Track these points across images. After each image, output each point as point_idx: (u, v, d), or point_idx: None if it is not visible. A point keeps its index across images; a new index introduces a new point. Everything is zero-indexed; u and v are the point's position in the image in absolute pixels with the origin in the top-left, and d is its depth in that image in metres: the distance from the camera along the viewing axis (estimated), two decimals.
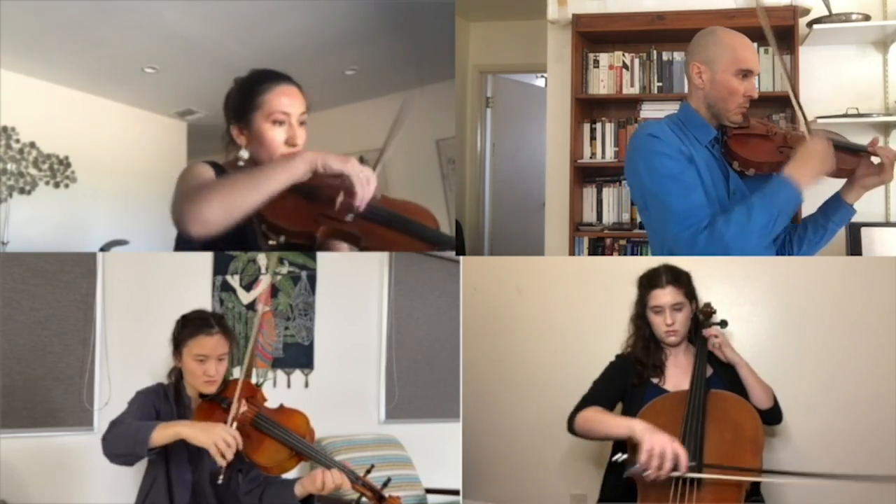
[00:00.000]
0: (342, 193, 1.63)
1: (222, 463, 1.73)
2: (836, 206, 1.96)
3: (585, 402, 1.92)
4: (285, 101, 1.68)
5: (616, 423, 1.77)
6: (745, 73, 1.89)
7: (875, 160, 1.87)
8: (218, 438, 1.72)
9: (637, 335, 2.02)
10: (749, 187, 1.93)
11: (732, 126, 1.94)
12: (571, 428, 1.89)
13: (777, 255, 2.04)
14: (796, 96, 1.98)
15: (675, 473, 1.63)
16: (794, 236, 2.03)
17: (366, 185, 1.59)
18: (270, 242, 1.62)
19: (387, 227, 1.68)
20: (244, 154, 1.69)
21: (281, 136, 1.67)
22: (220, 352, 1.91)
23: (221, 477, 1.75)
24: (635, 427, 1.69)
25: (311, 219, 1.61)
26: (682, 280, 1.98)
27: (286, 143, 1.67)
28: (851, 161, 1.90)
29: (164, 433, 1.74)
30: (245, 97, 1.69)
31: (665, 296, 1.96)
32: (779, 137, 1.93)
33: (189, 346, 1.89)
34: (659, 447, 1.62)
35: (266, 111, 1.66)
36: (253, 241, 1.65)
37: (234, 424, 1.80)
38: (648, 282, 1.99)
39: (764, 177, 1.94)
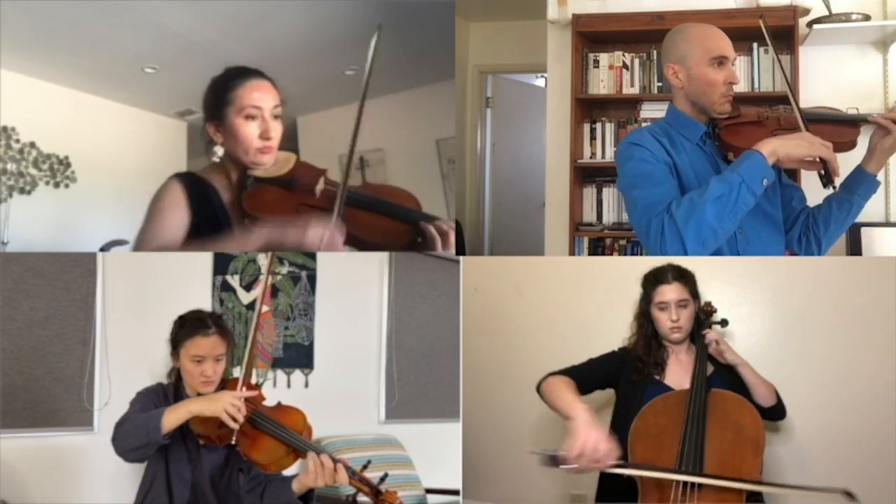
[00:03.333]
0: (321, 180, 1.66)
1: (234, 426, 1.77)
2: (859, 179, 1.91)
3: (565, 371, 1.94)
4: (256, 95, 1.69)
5: (566, 403, 1.76)
6: (720, 61, 1.86)
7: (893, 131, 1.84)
8: (227, 404, 1.77)
9: (640, 333, 2.02)
10: None
11: (723, 117, 1.91)
12: (539, 386, 1.92)
13: (801, 240, 2.01)
14: (794, 95, 1.94)
15: (604, 468, 1.63)
16: (819, 217, 1.98)
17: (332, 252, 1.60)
18: None
19: (369, 212, 1.70)
20: (219, 151, 1.73)
21: (254, 131, 1.69)
22: (218, 352, 1.91)
23: (234, 439, 1.79)
24: (576, 415, 1.67)
25: (291, 208, 1.65)
26: (687, 277, 1.98)
27: (260, 137, 1.69)
28: (850, 132, 1.88)
29: (174, 415, 1.76)
30: (218, 94, 1.73)
31: (671, 292, 1.95)
32: (772, 121, 1.90)
33: (186, 347, 1.90)
34: (581, 444, 1.60)
35: (238, 106, 1.69)
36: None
37: (244, 389, 1.84)
38: (654, 278, 1.99)
39: None
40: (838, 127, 1.86)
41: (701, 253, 1.68)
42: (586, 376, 1.96)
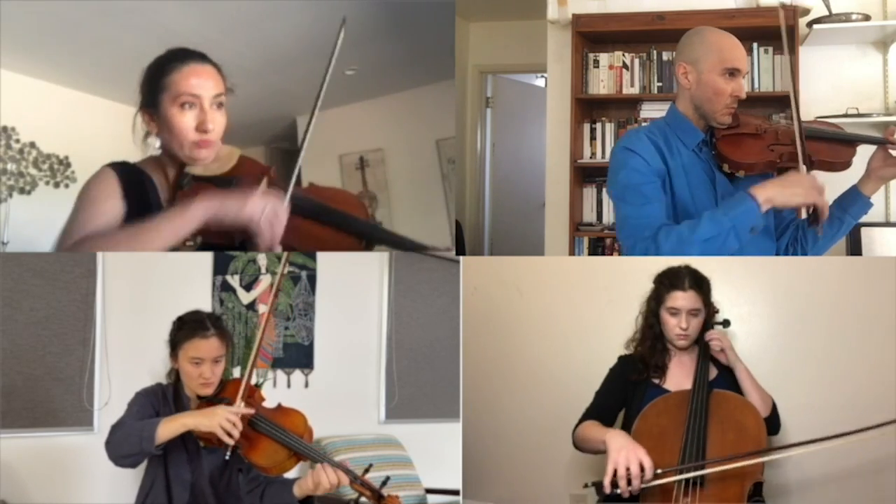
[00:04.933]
0: (265, 181, 1.52)
1: (230, 442, 1.75)
2: (853, 199, 1.91)
3: (585, 416, 1.93)
4: (194, 81, 1.53)
5: (595, 436, 1.78)
6: (732, 73, 1.86)
7: (893, 152, 1.83)
8: (222, 420, 1.75)
9: (646, 332, 1.99)
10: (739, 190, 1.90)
11: (721, 127, 1.89)
12: (573, 441, 1.91)
13: (788, 250, 2.00)
14: (797, 101, 1.90)
15: (645, 485, 1.62)
16: (809, 230, 1.97)
17: (273, 225, 1.45)
18: (188, 244, 1.53)
19: (312, 221, 1.56)
20: (155, 143, 1.58)
21: (191, 122, 1.52)
22: (216, 354, 1.90)
23: (228, 454, 1.78)
24: (607, 440, 1.69)
25: None
26: (703, 286, 1.95)
27: (196, 130, 1.52)
28: (846, 153, 1.86)
29: (168, 427, 1.75)
30: (153, 79, 1.57)
31: (685, 299, 1.92)
32: (769, 134, 1.88)
33: (184, 349, 1.89)
34: (623, 462, 1.62)
35: (173, 93, 1.52)
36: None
37: (242, 404, 1.82)
38: (670, 282, 1.95)
39: (755, 178, 1.91)
40: (835, 146, 1.84)
41: None
42: (602, 408, 1.95)
